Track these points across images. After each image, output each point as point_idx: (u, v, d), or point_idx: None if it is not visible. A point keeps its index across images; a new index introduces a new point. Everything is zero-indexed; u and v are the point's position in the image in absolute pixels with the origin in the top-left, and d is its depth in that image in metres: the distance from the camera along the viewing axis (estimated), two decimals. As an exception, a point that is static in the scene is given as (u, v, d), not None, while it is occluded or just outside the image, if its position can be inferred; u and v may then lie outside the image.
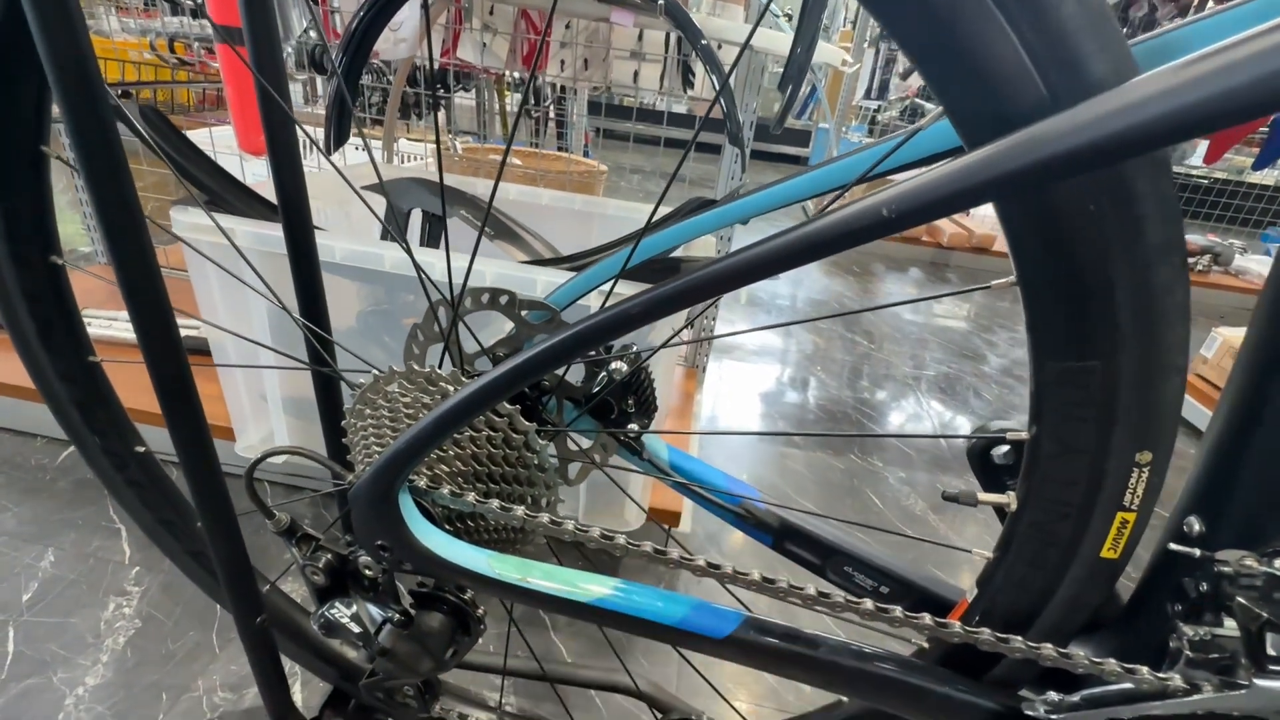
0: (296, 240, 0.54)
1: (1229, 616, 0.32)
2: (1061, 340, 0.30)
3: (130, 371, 0.55)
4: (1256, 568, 0.31)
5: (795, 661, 0.40)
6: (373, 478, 0.36)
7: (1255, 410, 0.32)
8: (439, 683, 0.49)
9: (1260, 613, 0.30)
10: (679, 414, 1.26)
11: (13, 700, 0.70)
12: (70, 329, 0.52)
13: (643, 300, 0.28)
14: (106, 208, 0.37)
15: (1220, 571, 0.32)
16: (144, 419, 0.61)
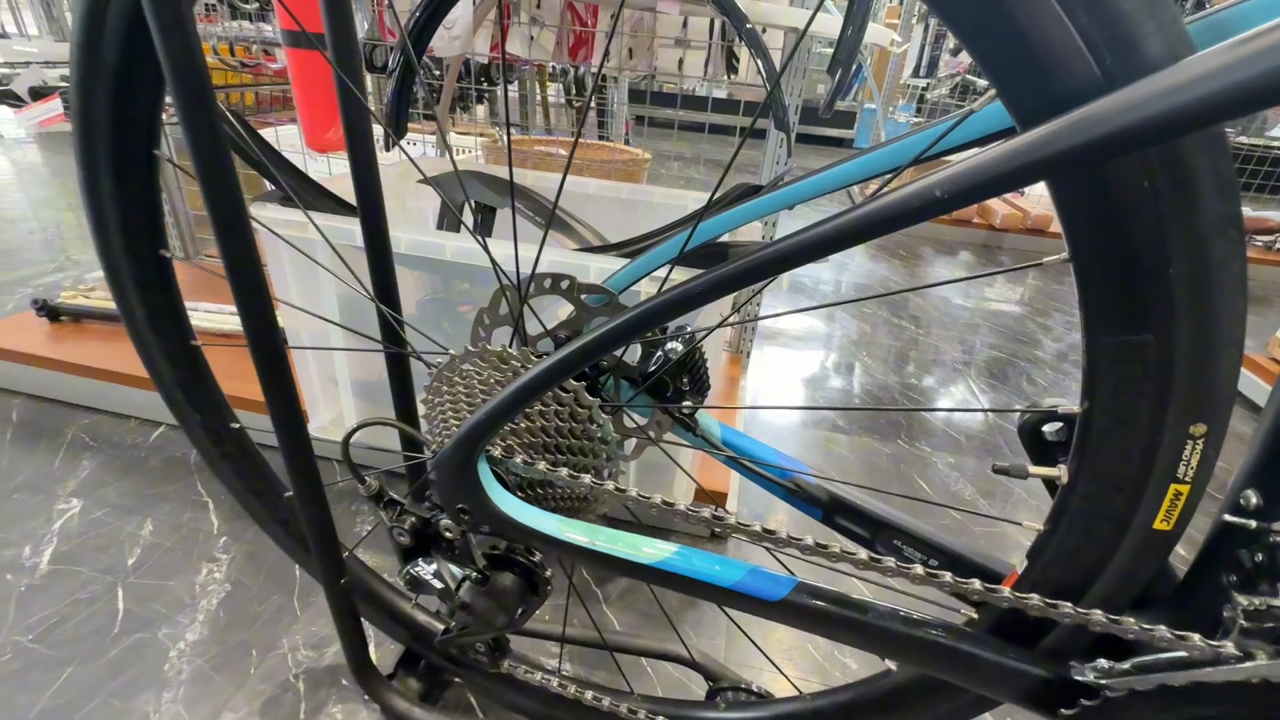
0: (372, 231, 0.58)
1: (1286, 587, 0.33)
2: (1115, 315, 0.31)
3: (219, 359, 0.60)
4: (1315, 539, 0.31)
5: (846, 625, 0.42)
6: (455, 446, 0.39)
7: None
8: (507, 642, 0.53)
9: (1318, 582, 0.30)
10: (724, 399, 1.27)
11: (125, 651, 0.77)
12: (175, 316, 0.57)
13: (707, 279, 0.30)
14: (217, 201, 0.42)
15: (1276, 542, 0.32)
16: (235, 404, 0.66)
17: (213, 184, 0.41)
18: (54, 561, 0.89)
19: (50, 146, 3.16)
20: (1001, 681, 0.41)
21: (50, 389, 1.21)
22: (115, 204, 0.50)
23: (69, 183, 2.58)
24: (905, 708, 0.51)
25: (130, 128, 0.47)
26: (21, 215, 2.19)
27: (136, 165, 0.49)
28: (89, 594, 0.84)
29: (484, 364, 0.43)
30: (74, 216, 2.21)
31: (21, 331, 1.25)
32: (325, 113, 1.15)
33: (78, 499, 1.00)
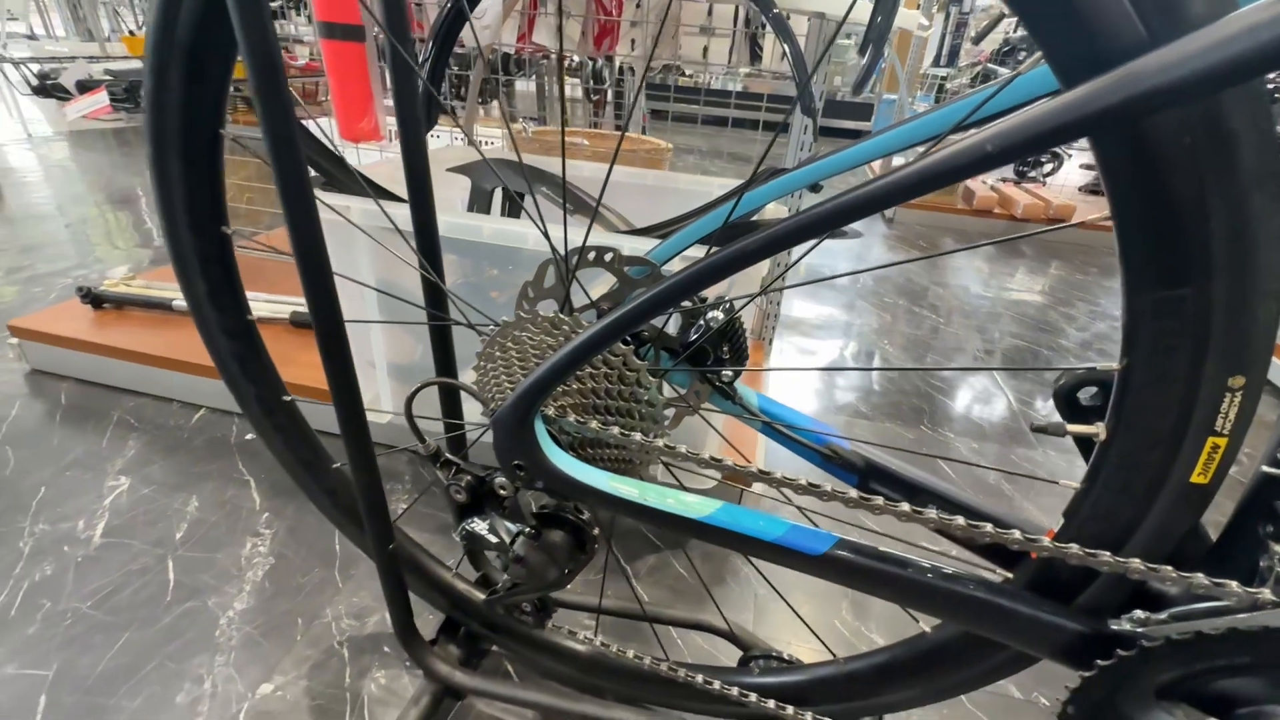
0: (421, 211, 0.60)
1: (1322, 535, 0.34)
2: (1155, 270, 0.32)
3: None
4: (1351, 485, 0.32)
5: (886, 580, 0.43)
6: (513, 404, 0.41)
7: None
8: (552, 602, 0.55)
9: (1354, 526, 0.31)
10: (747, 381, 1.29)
11: (178, 618, 0.81)
12: (233, 291, 0.60)
13: (760, 238, 0.32)
14: (286, 179, 0.44)
15: (1314, 491, 0.33)
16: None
17: (282, 158, 0.43)
18: (106, 535, 0.92)
19: (81, 144, 3.24)
20: (1038, 636, 0.43)
21: (96, 373, 1.25)
22: (182, 183, 0.52)
23: (99, 179, 2.65)
24: (940, 668, 0.53)
25: (199, 108, 0.49)
26: (54, 211, 2.25)
27: (203, 145, 0.51)
28: (141, 565, 0.88)
29: (536, 330, 0.45)
30: (101, 214, 2.27)
31: (68, 319, 1.29)
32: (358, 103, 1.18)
33: (126, 477, 1.04)
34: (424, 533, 0.98)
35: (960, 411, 1.48)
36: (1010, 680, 0.82)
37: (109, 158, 3.02)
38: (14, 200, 2.31)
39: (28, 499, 0.97)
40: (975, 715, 0.77)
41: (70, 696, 0.71)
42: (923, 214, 3.04)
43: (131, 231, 2.12)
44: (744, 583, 0.93)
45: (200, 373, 1.19)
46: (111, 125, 3.65)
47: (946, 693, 0.53)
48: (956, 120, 0.41)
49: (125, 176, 2.73)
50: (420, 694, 0.70)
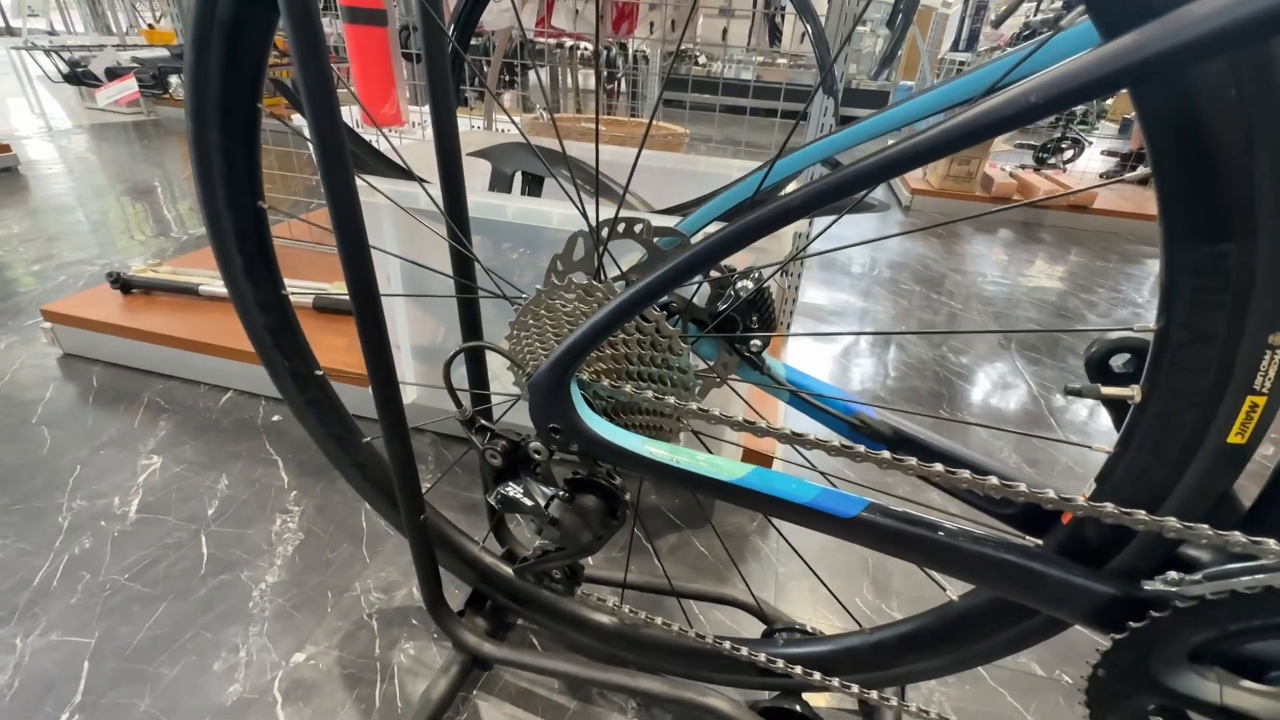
0: (452, 190, 0.61)
1: (1362, 492, 0.34)
2: (1196, 225, 0.32)
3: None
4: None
5: (916, 544, 0.44)
6: (550, 367, 0.42)
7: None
8: (581, 569, 0.56)
9: (1396, 480, 0.31)
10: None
11: (212, 590, 0.83)
12: (268, 266, 0.61)
13: (805, 192, 0.32)
14: (327, 151, 0.45)
15: (1355, 447, 0.33)
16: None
17: (322, 123, 0.44)
18: (141, 511, 0.95)
19: (101, 136, 3.29)
20: (1069, 600, 0.43)
21: (126, 357, 1.28)
22: (221, 155, 0.53)
23: (120, 172, 2.69)
24: (967, 636, 0.53)
25: (238, 81, 0.50)
26: (76, 203, 2.29)
27: (241, 118, 0.52)
28: (175, 540, 0.90)
29: (570, 297, 0.46)
30: (121, 206, 2.30)
31: (98, 304, 1.32)
32: (381, 88, 1.20)
33: (158, 456, 1.06)
34: (449, 511, 0.99)
35: (979, 398, 1.47)
36: (1033, 658, 0.82)
37: (129, 150, 3.06)
38: (38, 191, 2.36)
39: (65, 476, 1.00)
40: (998, 692, 0.78)
41: (112, 663, 0.73)
42: (941, 202, 3.01)
43: (152, 222, 2.15)
44: (765, 561, 0.94)
45: (227, 355, 1.21)
46: (132, 118, 3.70)
47: (973, 660, 0.53)
48: (991, 82, 0.41)
49: (145, 169, 2.77)
50: (449, 664, 0.72)
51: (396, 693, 0.72)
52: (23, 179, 2.49)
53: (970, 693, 0.77)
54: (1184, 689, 0.41)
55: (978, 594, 0.52)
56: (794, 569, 0.93)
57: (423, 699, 0.68)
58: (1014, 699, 0.77)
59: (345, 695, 0.72)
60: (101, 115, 3.70)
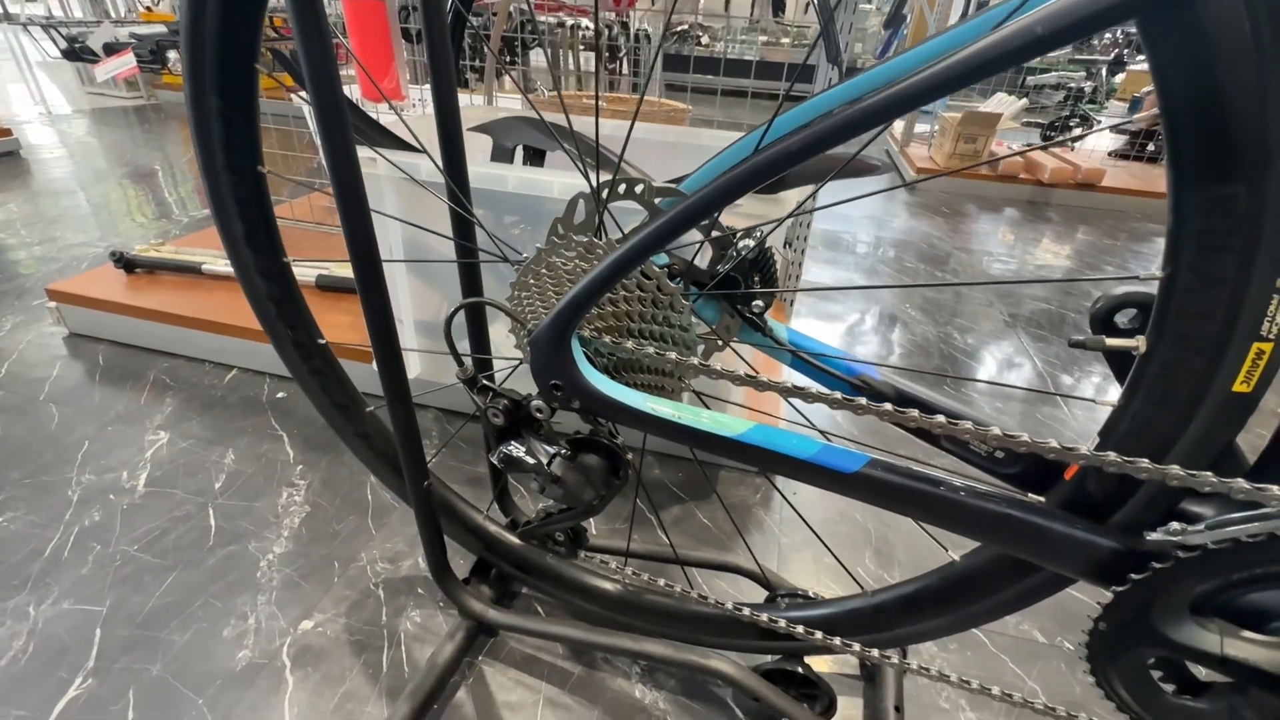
0: (453, 159, 0.61)
1: (1369, 437, 0.33)
2: (1205, 166, 0.32)
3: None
4: (1403, 383, 0.32)
5: (917, 499, 0.44)
6: (551, 322, 0.42)
7: None
8: (584, 531, 0.56)
9: (1404, 422, 0.31)
10: (769, 343, 1.29)
11: (221, 560, 0.84)
12: (269, 232, 0.61)
13: (807, 134, 0.32)
14: (326, 115, 0.44)
15: (1362, 390, 0.33)
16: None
17: (321, 86, 0.44)
18: (149, 484, 0.96)
19: (101, 120, 3.27)
20: (1072, 554, 0.43)
21: (131, 335, 1.29)
22: (219, 121, 0.53)
23: (120, 155, 2.68)
24: (969, 596, 0.53)
25: (234, 41, 0.49)
26: (77, 186, 2.29)
27: (238, 80, 0.52)
28: (184, 512, 0.91)
29: (570, 254, 0.45)
30: (123, 189, 2.30)
31: (102, 283, 1.32)
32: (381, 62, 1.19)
33: (164, 431, 1.07)
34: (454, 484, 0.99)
35: (985, 376, 1.47)
36: (1035, 626, 0.82)
37: (129, 134, 3.05)
38: (40, 175, 2.35)
39: (73, 452, 1.01)
40: (999, 659, 0.78)
41: (124, 630, 0.74)
42: (946, 180, 2.98)
43: (154, 204, 2.15)
44: (768, 532, 0.94)
45: (231, 333, 1.21)
46: (132, 102, 3.68)
47: (975, 620, 0.54)
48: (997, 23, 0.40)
49: (146, 152, 2.76)
50: (455, 630, 0.73)
51: (403, 658, 0.73)
52: (24, 163, 2.48)
53: (972, 659, 0.78)
54: (1185, 640, 0.41)
55: (979, 554, 0.53)
56: (797, 539, 0.93)
57: (429, 663, 0.69)
58: (1015, 665, 0.77)
59: (353, 660, 0.73)
60: (101, 99, 3.68)
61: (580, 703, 0.70)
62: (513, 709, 0.69)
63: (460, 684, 0.71)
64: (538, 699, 0.70)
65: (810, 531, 0.78)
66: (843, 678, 0.74)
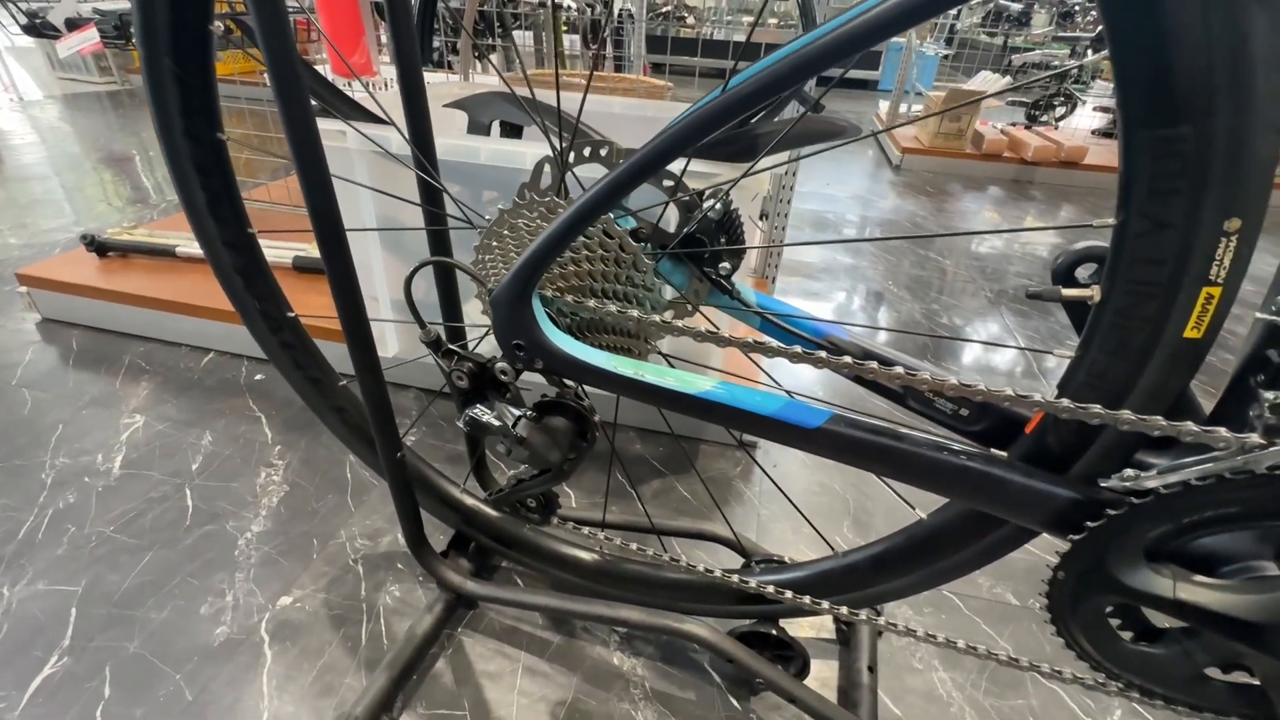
0: (419, 127, 0.60)
1: (1313, 378, 0.34)
2: (1153, 108, 0.32)
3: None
4: (1344, 322, 0.32)
5: (880, 454, 0.44)
6: (511, 280, 0.42)
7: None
8: (555, 497, 0.56)
9: (1344, 359, 0.32)
10: (750, 320, 1.29)
11: (198, 540, 0.84)
12: (233, 201, 0.60)
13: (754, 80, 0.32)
14: (282, 79, 0.43)
15: (1306, 331, 0.33)
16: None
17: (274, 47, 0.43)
18: (125, 467, 0.95)
19: (74, 106, 3.20)
20: (1032, 505, 0.44)
21: (105, 320, 1.27)
22: (175, 85, 0.52)
23: (94, 141, 2.63)
24: (936, 552, 0.54)
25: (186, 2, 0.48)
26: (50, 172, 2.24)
27: (192, 43, 0.51)
28: (160, 494, 0.91)
29: (532, 214, 0.45)
30: (98, 174, 2.26)
31: (74, 267, 1.30)
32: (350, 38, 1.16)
33: (140, 415, 1.06)
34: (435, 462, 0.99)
35: (969, 359, 1.48)
36: (1008, 590, 0.84)
37: (103, 119, 2.99)
38: (11, 161, 2.30)
39: (47, 436, 1.00)
40: (973, 621, 0.79)
41: (100, 609, 0.74)
42: (931, 160, 2.98)
43: (129, 189, 2.11)
44: (748, 504, 0.95)
45: (207, 316, 1.20)
46: (105, 88, 3.60)
47: (944, 576, 0.54)
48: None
49: (121, 137, 2.71)
50: (434, 602, 0.73)
51: (383, 631, 0.74)
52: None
53: (946, 621, 0.79)
54: (1140, 586, 0.42)
55: (945, 511, 0.53)
56: (776, 510, 0.94)
57: (407, 635, 0.69)
58: (988, 627, 0.79)
59: (332, 634, 0.73)
60: (73, 85, 3.60)
61: (559, 670, 0.71)
62: (491, 678, 0.70)
63: (439, 655, 0.71)
64: (516, 668, 0.71)
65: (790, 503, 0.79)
66: (820, 642, 0.75)
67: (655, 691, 0.69)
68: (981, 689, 0.71)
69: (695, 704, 0.68)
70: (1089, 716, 0.69)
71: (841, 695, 0.69)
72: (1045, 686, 0.72)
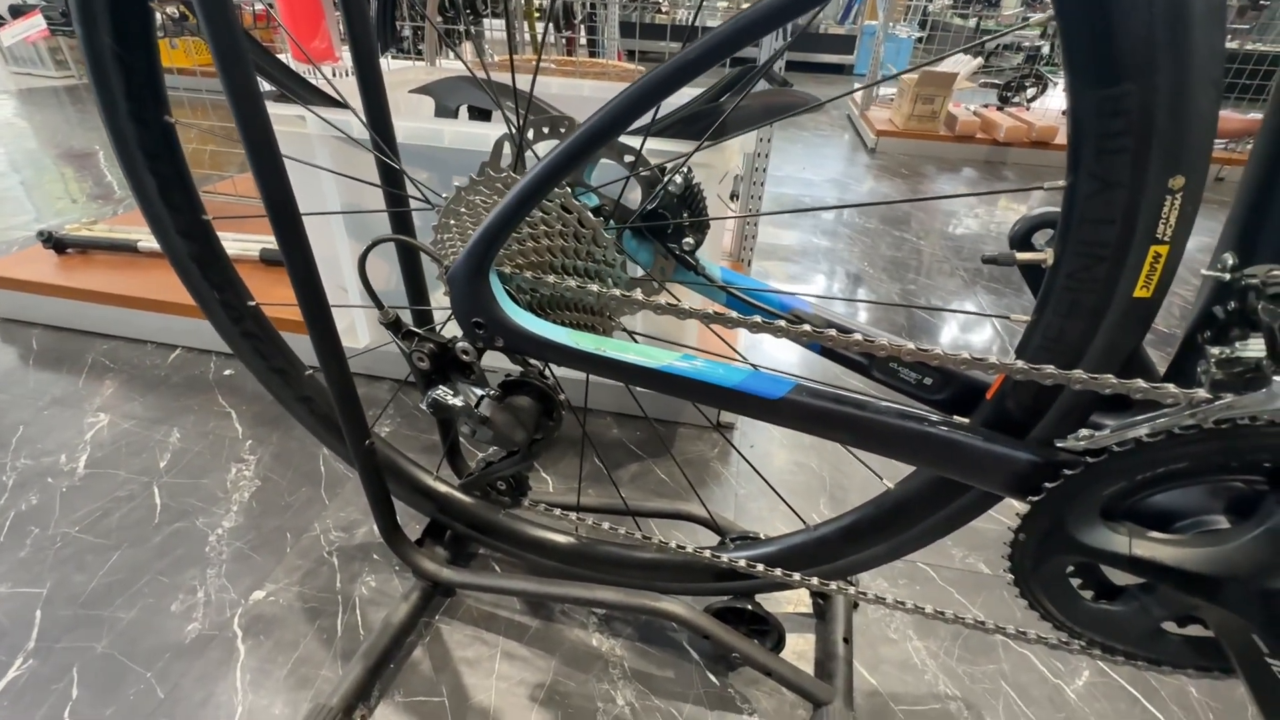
0: (376, 109, 0.59)
1: (1255, 331, 0.35)
2: (1097, 66, 0.32)
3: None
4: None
5: (843, 423, 0.44)
6: (466, 256, 0.41)
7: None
8: (526, 479, 0.56)
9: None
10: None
11: (167, 537, 0.82)
12: (185, 188, 0.58)
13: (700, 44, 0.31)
14: (224, 53, 0.42)
15: (1247, 285, 0.34)
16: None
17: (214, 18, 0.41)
18: (90, 466, 0.93)
19: (31, 101, 3.10)
20: (993, 469, 0.44)
21: (65, 318, 1.23)
22: (117, 65, 0.50)
23: (53, 136, 2.55)
24: (904, 521, 0.54)
25: (123, -24, 0.47)
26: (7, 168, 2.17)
27: (132, 20, 0.49)
28: (127, 492, 0.89)
29: (489, 191, 0.44)
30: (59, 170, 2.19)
31: (31, 264, 1.26)
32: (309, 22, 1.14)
33: (105, 414, 1.03)
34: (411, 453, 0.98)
35: (947, 338, 1.50)
36: (981, 559, 0.85)
37: (62, 114, 2.90)
38: (-33, 159, 2.23)
39: (7, 437, 0.97)
40: (946, 590, 0.81)
41: (65, 610, 0.73)
42: (905, 143, 3.00)
43: (91, 185, 2.05)
44: (726, 484, 0.96)
45: (173, 311, 1.17)
46: (63, 82, 3.49)
47: (912, 544, 0.55)
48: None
49: (81, 133, 2.63)
50: (410, 591, 0.72)
51: (359, 622, 0.73)
52: (-54, 147, 2.35)
53: (920, 592, 0.80)
54: (1098, 544, 0.42)
55: (912, 480, 0.54)
56: (753, 489, 0.94)
57: (383, 624, 0.69)
58: (961, 596, 0.80)
59: (307, 627, 0.72)
60: (29, 79, 3.48)
61: (538, 654, 0.71)
62: (470, 664, 0.69)
63: (417, 643, 0.71)
64: (495, 653, 0.70)
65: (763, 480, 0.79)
66: (797, 617, 0.76)
67: (634, 671, 0.69)
68: (955, 656, 0.73)
69: (674, 681, 0.69)
70: (1058, 679, 0.71)
71: (818, 667, 0.69)
72: (1016, 651, 0.74)
